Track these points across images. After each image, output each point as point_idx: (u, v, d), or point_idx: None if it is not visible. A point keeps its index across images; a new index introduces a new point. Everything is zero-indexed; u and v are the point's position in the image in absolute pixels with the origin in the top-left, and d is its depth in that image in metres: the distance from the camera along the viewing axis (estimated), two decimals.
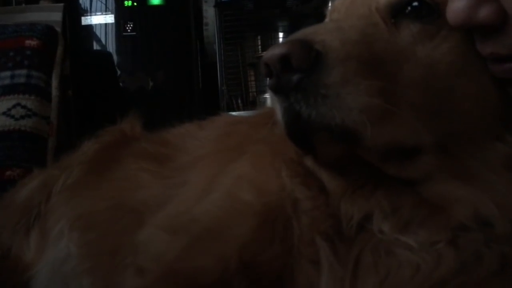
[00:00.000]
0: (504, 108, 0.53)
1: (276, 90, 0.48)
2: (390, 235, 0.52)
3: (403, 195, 0.52)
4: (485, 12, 0.47)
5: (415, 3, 0.52)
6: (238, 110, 2.13)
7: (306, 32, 0.49)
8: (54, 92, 1.50)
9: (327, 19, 0.63)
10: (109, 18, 2.08)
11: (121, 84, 2.11)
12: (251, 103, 2.22)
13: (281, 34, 2.23)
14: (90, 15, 2.09)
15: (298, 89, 0.46)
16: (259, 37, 2.28)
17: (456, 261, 0.50)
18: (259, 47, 2.26)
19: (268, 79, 0.49)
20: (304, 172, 0.59)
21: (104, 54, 2.13)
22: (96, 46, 2.14)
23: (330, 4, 0.64)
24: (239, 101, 2.20)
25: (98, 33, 2.10)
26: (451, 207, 0.51)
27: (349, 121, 0.45)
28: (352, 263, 0.53)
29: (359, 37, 0.49)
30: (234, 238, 0.56)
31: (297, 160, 0.60)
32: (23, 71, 1.46)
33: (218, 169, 0.69)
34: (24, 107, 1.41)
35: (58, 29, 1.88)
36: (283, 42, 0.48)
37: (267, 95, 2.13)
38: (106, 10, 2.09)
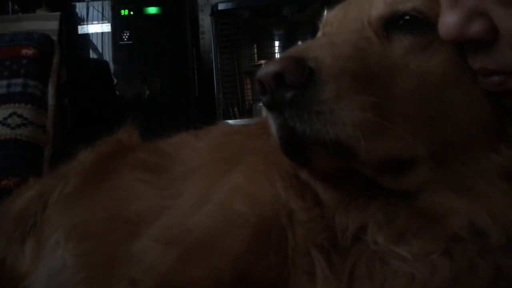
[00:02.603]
0: (497, 119, 0.53)
1: (271, 107, 0.49)
2: (384, 246, 0.52)
3: (398, 207, 0.53)
4: (476, 28, 0.47)
5: (407, 17, 0.53)
6: (235, 118, 2.13)
7: (299, 48, 0.50)
8: (51, 100, 1.51)
9: (320, 33, 0.64)
10: (106, 27, 2.09)
11: (117, 92, 2.12)
12: (247, 111, 2.22)
13: (277, 43, 2.24)
14: (87, 24, 2.10)
15: (292, 106, 0.47)
16: (255, 45, 2.29)
17: (450, 271, 0.50)
18: (255, 55, 2.27)
19: (262, 96, 0.49)
20: (299, 184, 0.59)
21: (100, 62, 2.13)
22: (92, 55, 2.14)
23: (324, 16, 0.65)
24: (235, 109, 2.21)
25: (94, 41, 2.11)
26: (446, 218, 0.51)
27: (343, 136, 0.46)
28: (347, 274, 0.53)
29: (352, 52, 0.50)
30: (227, 249, 0.56)
31: (292, 173, 0.60)
32: (19, 80, 1.46)
33: (213, 180, 0.69)
34: (20, 116, 1.41)
35: (55, 37, 1.88)
36: (276, 60, 0.48)
37: None
38: (102, 19, 2.09)
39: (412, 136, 0.48)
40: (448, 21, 0.49)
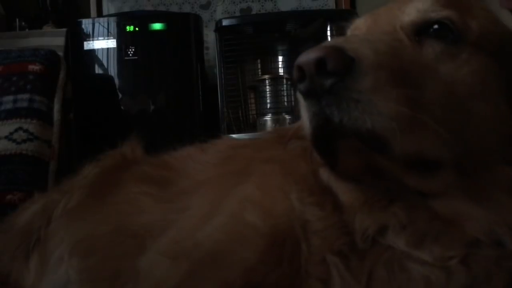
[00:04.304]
0: None
1: (308, 94, 0.49)
2: (404, 249, 0.53)
3: (418, 209, 0.53)
4: None
5: (438, 25, 0.55)
6: (239, 132, 2.13)
7: (337, 41, 0.51)
8: (56, 116, 1.51)
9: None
10: (111, 43, 2.11)
11: (122, 107, 2.12)
12: (251, 126, 2.23)
13: (280, 58, 2.25)
14: (93, 40, 2.12)
15: (330, 93, 0.47)
16: (259, 61, 2.30)
17: (467, 278, 0.51)
18: (259, 70, 2.28)
19: (299, 83, 0.49)
20: (318, 190, 0.59)
21: (105, 77, 2.14)
22: (98, 70, 2.16)
23: (352, 23, 0.65)
24: (240, 123, 2.21)
25: (100, 57, 2.13)
26: (464, 224, 0.52)
27: (379, 127, 0.46)
28: (365, 277, 0.53)
29: (387, 49, 0.50)
30: (238, 261, 0.56)
31: (311, 174, 0.60)
32: (26, 96, 1.47)
33: (221, 194, 0.68)
34: (26, 131, 1.42)
35: (61, 53, 1.91)
36: (317, 48, 0.49)
37: (267, 118, 2.14)
38: (108, 35, 2.11)
39: (440, 137, 0.49)
40: None
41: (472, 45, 0.55)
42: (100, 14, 2.64)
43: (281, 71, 2.24)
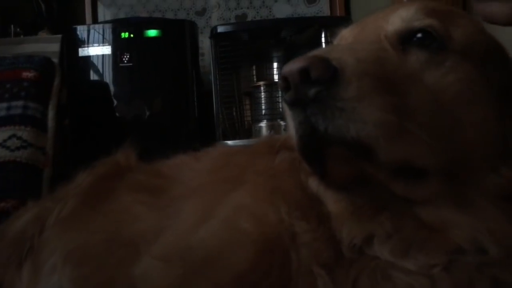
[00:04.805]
0: (502, 142, 0.55)
1: (293, 103, 0.49)
2: (388, 259, 0.53)
3: (405, 218, 0.54)
4: None
5: (420, 34, 0.55)
6: (234, 138, 2.13)
7: (321, 51, 0.52)
8: (50, 123, 1.51)
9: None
10: (106, 49, 2.11)
11: (117, 113, 2.12)
12: (246, 132, 2.23)
13: (275, 64, 2.26)
14: (88, 46, 2.12)
15: (315, 102, 0.48)
16: (254, 67, 2.31)
17: (450, 285, 0.51)
18: (254, 76, 2.29)
19: (285, 93, 0.50)
20: (305, 204, 0.59)
21: (101, 84, 2.14)
22: (93, 76, 2.16)
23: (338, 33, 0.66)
24: (235, 129, 2.21)
25: (95, 63, 2.13)
26: (449, 231, 0.53)
27: (364, 134, 0.47)
28: (350, 286, 0.53)
29: (371, 57, 0.51)
30: (231, 267, 0.56)
31: (299, 187, 0.60)
32: (20, 102, 1.47)
33: (214, 200, 0.69)
34: (19, 138, 1.41)
35: (56, 60, 1.90)
36: (301, 58, 0.49)
37: (262, 124, 2.15)
38: (103, 42, 2.12)
39: (426, 145, 0.49)
40: None
41: (457, 53, 0.55)
42: (95, 20, 2.64)
43: (276, 77, 2.25)
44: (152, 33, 2.11)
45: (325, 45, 2.03)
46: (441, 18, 0.56)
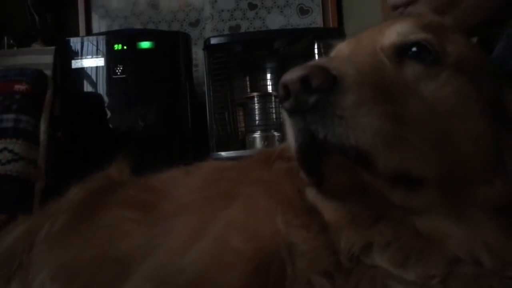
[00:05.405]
0: (497, 155, 0.56)
1: (293, 111, 0.50)
2: (387, 267, 0.53)
3: (403, 227, 0.54)
4: None
5: (415, 48, 0.57)
6: (228, 149, 2.13)
7: (321, 60, 0.52)
8: (42, 135, 1.51)
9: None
10: (100, 61, 2.11)
11: (111, 125, 2.12)
12: (240, 143, 2.23)
13: (269, 75, 2.27)
14: (81, 58, 2.12)
15: (315, 110, 0.48)
16: (247, 78, 2.32)
17: None
18: (248, 87, 2.30)
19: (285, 101, 0.50)
20: (304, 212, 0.59)
21: (94, 96, 2.14)
22: (86, 88, 2.15)
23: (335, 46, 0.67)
24: (229, 140, 2.21)
25: (89, 75, 2.13)
26: (445, 242, 0.53)
27: (362, 142, 0.47)
28: None
29: (369, 68, 0.52)
30: (223, 287, 0.55)
31: (297, 195, 0.60)
32: (11, 116, 1.46)
33: (205, 218, 0.68)
34: (11, 151, 1.40)
35: (49, 71, 1.90)
36: (301, 66, 0.50)
37: (256, 135, 2.15)
38: (96, 53, 2.12)
39: (422, 153, 0.50)
40: None
41: (451, 67, 0.56)
42: (89, 32, 2.64)
43: (269, 88, 2.26)
44: (145, 44, 2.11)
45: (318, 56, 2.04)
46: (435, 33, 0.58)
